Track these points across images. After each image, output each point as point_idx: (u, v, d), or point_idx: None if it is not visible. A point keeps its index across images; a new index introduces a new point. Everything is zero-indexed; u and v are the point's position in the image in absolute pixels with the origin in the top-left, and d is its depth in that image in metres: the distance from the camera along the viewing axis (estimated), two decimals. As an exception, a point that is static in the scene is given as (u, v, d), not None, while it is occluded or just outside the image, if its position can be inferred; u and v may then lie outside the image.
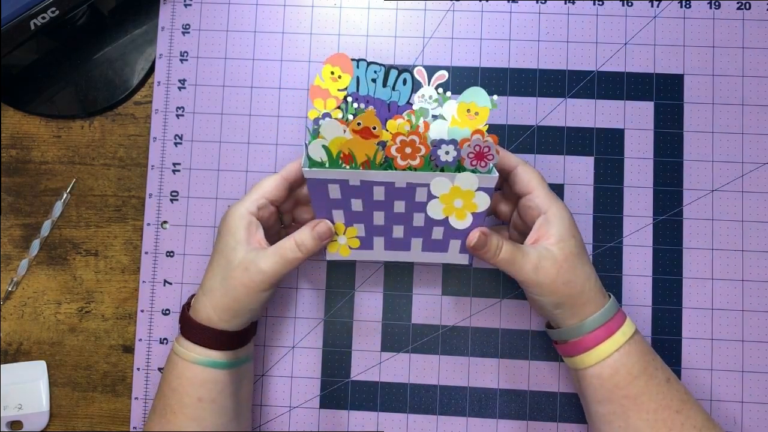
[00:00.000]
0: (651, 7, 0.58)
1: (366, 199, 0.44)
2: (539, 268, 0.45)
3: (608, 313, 0.46)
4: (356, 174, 0.43)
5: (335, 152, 0.42)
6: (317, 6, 0.59)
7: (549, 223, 0.46)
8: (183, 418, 0.47)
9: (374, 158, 0.43)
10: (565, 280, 0.45)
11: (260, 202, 0.48)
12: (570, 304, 0.46)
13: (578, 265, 0.46)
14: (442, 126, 0.44)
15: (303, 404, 0.56)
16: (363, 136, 0.42)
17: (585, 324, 0.46)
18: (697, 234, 0.56)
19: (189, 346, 0.47)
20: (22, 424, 0.56)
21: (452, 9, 0.58)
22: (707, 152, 0.56)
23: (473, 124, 0.44)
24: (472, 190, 0.43)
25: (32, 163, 0.59)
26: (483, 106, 0.43)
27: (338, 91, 0.45)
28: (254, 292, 0.46)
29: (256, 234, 0.47)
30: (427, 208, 0.45)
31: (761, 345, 0.55)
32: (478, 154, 0.42)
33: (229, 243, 0.47)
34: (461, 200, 0.44)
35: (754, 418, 0.54)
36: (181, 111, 0.58)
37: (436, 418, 0.55)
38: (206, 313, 0.47)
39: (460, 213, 0.45)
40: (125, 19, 0.60)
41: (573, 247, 0.46)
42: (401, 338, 0.56)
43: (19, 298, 0.58)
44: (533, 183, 0.47)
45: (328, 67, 0.45)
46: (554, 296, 0.46)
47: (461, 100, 0.44)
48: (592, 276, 0.47)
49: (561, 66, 0.57)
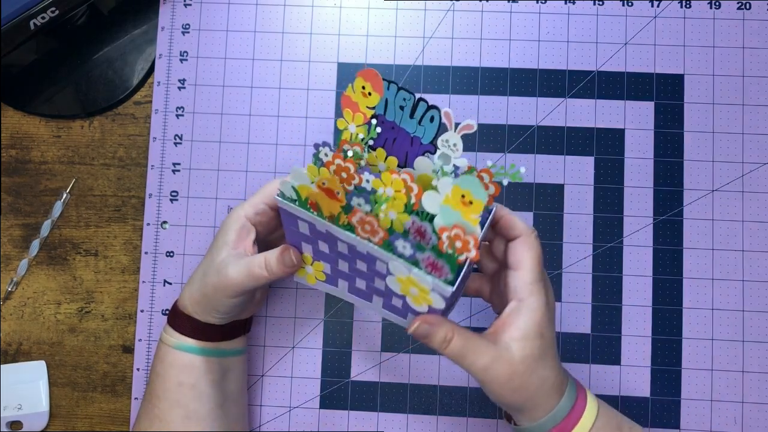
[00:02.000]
0: (651, 7, 0.58)
1: (331, 246, 0.43)
2: (489, 370, 0.41)
3: (565, 408, 0.43)
4: (322, 223, 0.41)
5: (303, 197, 0.41)
6: (317, 6, 0.59)
7: (519, 313, 0.42)
8: (166, 403, 0.48)
9: (338, 218, 0.41)
10: (514, 387, 0.41)
11: (259, 207, 0.47)
12: (517, 408, 0.43)
13: (536, 370, 0.42)
14: (435, 198, 0.39)
15: (303, 404, 0.56)
16: (327, 195, 0.40)
17: (542, 424, 0.42)
18: (697, 234, 0.56)
19: (171, 332, 0.49)
20: (21, 424, 0.56)
21: (452, 9, 0.58)
22: (707, 152, 0.56)
23: (466, 213, 0.38)
24: (428, 289, 0.40)
25: (32, 163, 0.59)
26: (478, 200, 0.38)
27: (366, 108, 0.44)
28: (221, 296, 0.46)
29: (246, 238, 0.47)
30: (386, 279, 0.42)
31: (761, 345, 0.55)
32: (433, 265, 0.39)
33: (218, 242, 0.48)
34: (417, 290, 0.40)
35: (754, 418, 0.54)
36: (181, 111, 0.58)
37: (436, 418, 0.55)
38: (184, 302, 0.49)
39: (417, 299, 0.42)
40: (125, 19, 0.59)
41: (536, 348, 0.41)
42: (401, 338, 0.56)
43: (19, 298, 0.58)
44: (525, 263, 0.43)
45: (360, 80, 0.43)
46: (504, 398, 0.42)
47: (456, 184, 0.38)
48: (550, 379, 0.42)
49: (561, 66, 0.57)
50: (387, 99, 0.44)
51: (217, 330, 0.49)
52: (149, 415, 0.49)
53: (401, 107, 0.44)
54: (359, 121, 0.44)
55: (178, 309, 0.49)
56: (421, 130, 0.44)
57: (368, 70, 0.43)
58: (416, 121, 0.44)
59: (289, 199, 0.42)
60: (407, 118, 0.44)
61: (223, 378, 0.50)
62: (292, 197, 0.42)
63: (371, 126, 0.44)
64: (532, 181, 0.57)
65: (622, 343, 0.55)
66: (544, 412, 0.42)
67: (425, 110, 0.44)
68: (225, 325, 0.49)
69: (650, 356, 0.55)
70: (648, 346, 0.55)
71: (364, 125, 0.44)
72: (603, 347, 0.55)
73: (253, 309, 0.52)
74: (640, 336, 0.55)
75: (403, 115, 0.44)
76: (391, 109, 0.44)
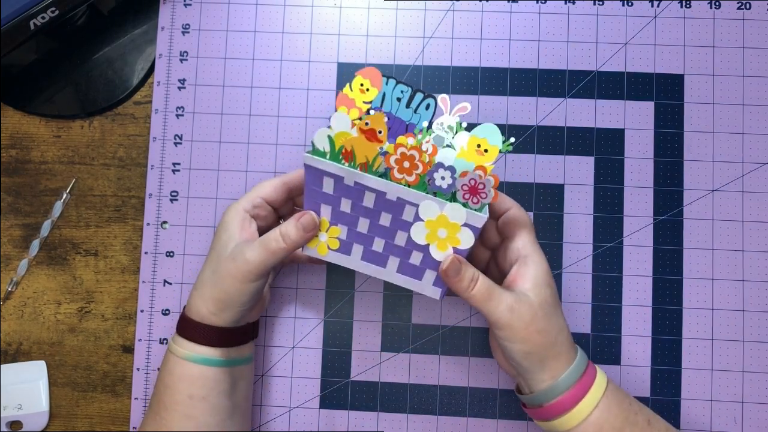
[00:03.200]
0: (651, 7, 0.58)
1: (355, 202, 0.44)
2: (515, 311, 0.43)
3: (580, 368, 0.45)
4: (352, 173, 0.42)
5: (338, 145, 0.42)
6: (317, 6, 0.59)
7: (527, 267, 0.45)
8: (175, 416, 0.47)
9: (372, 163, 0.42)
10: (539, 328, 0.43)
11: (256, 201, 0.48)
12: (540, 356, 0.44)
13: (553, 316, 0.45)
14: (449, 154, 0.43)
15: (303, 404, 0.56)
16: (368, 137, 0.42)
17: (559, 383, 0.44)
18: (697, 234, 0.56)
19: (182, 343, 0.48)
20: (21, 424, 0.56)
21: (452, 9, 0.58)
22: (707, 152, 0.56)
23: (480, 160, 0.42)
24: (459, 224, 0.42)
25: (32, 163, 0.59)
26: (494, 145, 0.42)
27: (363, 103, 0.45)
28: (241, 282, 0.46)
29: (249, 228, 0.48)
30: (411, 229, 0.44)
31: (761, 345, 0.55)
32: (473, 188, 0.42)
33: (222, 238, 0.47)
34: (446, 231, 0.43)
35: (754, 418, 0.54)
36: (180, 111, 0.58)
37: (436, 418, 0.55)
38: (197, 307, 0.47)
39: (442, 244, 0.44)
40: (125, 19, 0.60)
41: (548, 296, 0.45)
42: (401, 338, 0.56)
43: (19, 298, 0.58)
44: (523, 228, 0.47)
45: (359, 78, 0.45)
46: (525, 344, 0.44)
47: (474, 134, 0.43)
48: (565, 329, 0.46)
49: (561, 66, 0.57)
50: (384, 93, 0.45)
51: (227, 333, 0.48)
52: (156, 426, 0.48)
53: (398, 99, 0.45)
54: (354, 115, 0.45)
55: (188, 317, 0.48)
56: (416, 118, 0.45)
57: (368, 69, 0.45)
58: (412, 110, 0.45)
59: (320, 153, 0.43)
60: (403, 108, 0.45)
61: (233, 388, 0.49)
62: (325, 150, 0.43)
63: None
64: (532, 181, 0.57)
65: (622, 343, 0.55)
66: (567, 362, 0.44)
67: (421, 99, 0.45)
68: (236, 329, 0.49)
69: (650, 356, 0.55)
70: (648, 346, 0.55)
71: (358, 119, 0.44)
72: (603, 347, 0.55)
73: (261, 308, 0.53)
74: (640, 336, 0.55)
75: (400, 106, 0.45)
76: (388, 101, 0.45)
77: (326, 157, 0.43)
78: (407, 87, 0.45)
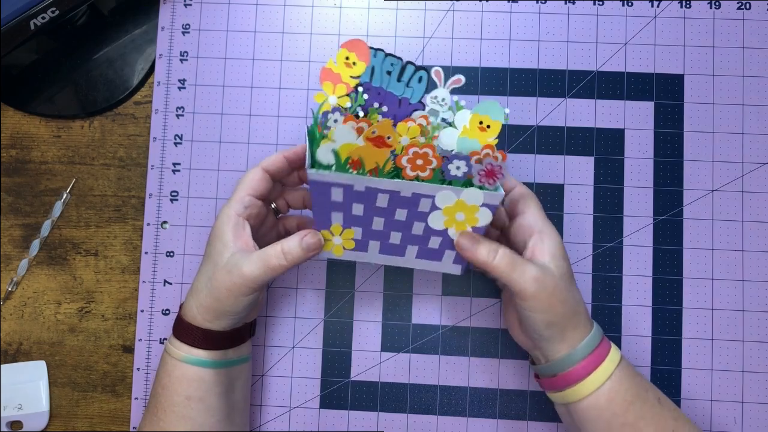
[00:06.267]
0: (651, 7, 0.58)
1: (368, 205, 0.44)
2: (539, 280, 0.43)
3: (596, 339, 0.45)
4: (363, 180, 0.42)
5: (344, 157, 0.42)
6: (317, 6, 0.59)
7: (543, 241, 0.46)
8: (173, 417, 0.47)
9: (383, 167, 0.42)
10: (562, 298, 0.44)
11: (246, 200, 0.47)
12: (562, 325, 0.45)
13: (571, 288, 0.45)
14: (452, 134, 0.43)
15: (303, 404, 0.56)
16: (376, 144, 0.41)
17: (576, 351, 0.45)
18: (697, 234, 0.56)
19: (178, 345, 0.48)
20: (22, 424, 0.56)
21: (452, 9, 0.58)
22: (707, 152, 0.56)
23: (484, 137, 0.43)
24: (477, 205, 0.43)
25: (32, 163, 0.59)
26: (496, 120, 0.43)
27: (350, 78, 0.43)
28: (235, 295, 0.45)
29: (243, 234, 0.47)
30: (429, 218, 0.44)
31: (761, 345, 0.55)
32: (489, 172, 0.42)
33: (216, 246, 0.47)
34: (464, 214, 0.44)
35: (754, 418, 0.54)
36: (181, 111, 0.58)
37: (436, 418, 0.55)
38: (192, 312, 0.47)
39: (461, 225, 0.45)
40: (125, 19, 0.60)
41: (566, 268, 0.46)
42: (401, 338, 0.56)
43: (19, 298, 0.58)
44: (531, 203, 0.47)
45: (343, 51, 0.43)
46: (548, 313, 0.44)
47: (475, 111, 0.43)
48: (582, 302, 0.46)
49: (561, 66, 0.57)
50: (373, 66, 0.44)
51: (222, 337, 0.48)
52: (154, 427, 0.48)
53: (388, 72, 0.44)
54: (341, 91, 0.43)
55: (184, 320, 0.48)
56: (409, 92, 0.45)
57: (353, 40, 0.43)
58: (404, 83, 0.44)
59: (324, 167, 0.42)
60: (395, 82, 0.44)
61: (230, 389, 0.49)
62: (328, 164, 0.42)
63: (358, 94, 0.43)
64: (532, 181, 0.57)
65: (622, 342, 0.55)
66: (585, 332, 0.45)
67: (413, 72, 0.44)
68: (232, 332, 0.48)
69: (650, 356, 0.55)
70: (648, 346, 0.55)
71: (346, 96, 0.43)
72: (603, 347, 0.55)
73: (258, 309, 0.52)
74: (640, 336, 0.55)
75: (390, 80, 0.44)
76: (378, 75, 0.44)
77: (332, 170, 0.42)
78: (397, 59, 0.44)
